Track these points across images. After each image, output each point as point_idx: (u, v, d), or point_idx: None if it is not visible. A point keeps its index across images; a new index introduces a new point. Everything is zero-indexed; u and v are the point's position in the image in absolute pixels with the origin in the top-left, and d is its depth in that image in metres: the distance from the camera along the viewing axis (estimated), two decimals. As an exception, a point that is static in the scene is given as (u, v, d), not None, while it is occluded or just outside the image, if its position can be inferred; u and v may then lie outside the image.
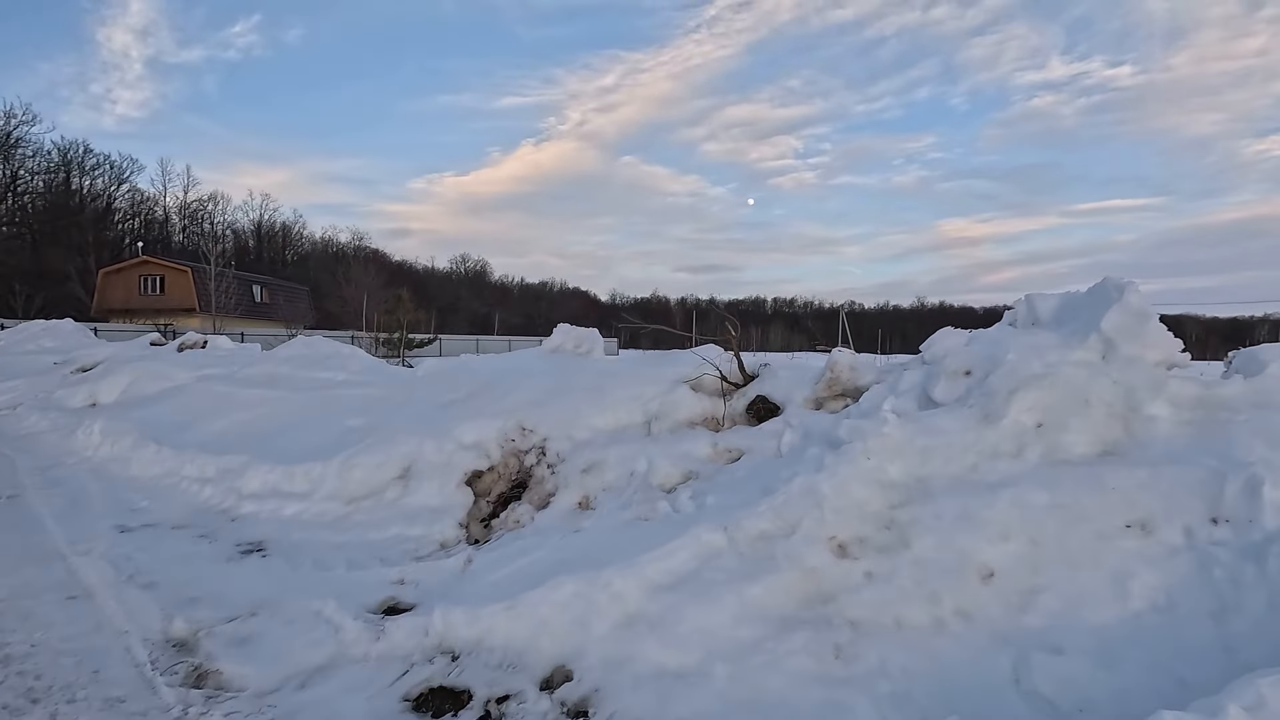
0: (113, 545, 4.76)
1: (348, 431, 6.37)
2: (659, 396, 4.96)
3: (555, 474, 4.67)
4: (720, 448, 4.35)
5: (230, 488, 5.69)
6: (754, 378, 5.10)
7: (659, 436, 4.66)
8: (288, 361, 8.28)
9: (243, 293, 43.36)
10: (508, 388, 5.60)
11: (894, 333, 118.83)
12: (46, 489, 6.41)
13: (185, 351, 12.42)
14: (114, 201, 60.60)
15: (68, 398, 10.64)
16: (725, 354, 5.60)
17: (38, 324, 19.06)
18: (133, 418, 7.67)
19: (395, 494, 5.03)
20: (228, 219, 70.17)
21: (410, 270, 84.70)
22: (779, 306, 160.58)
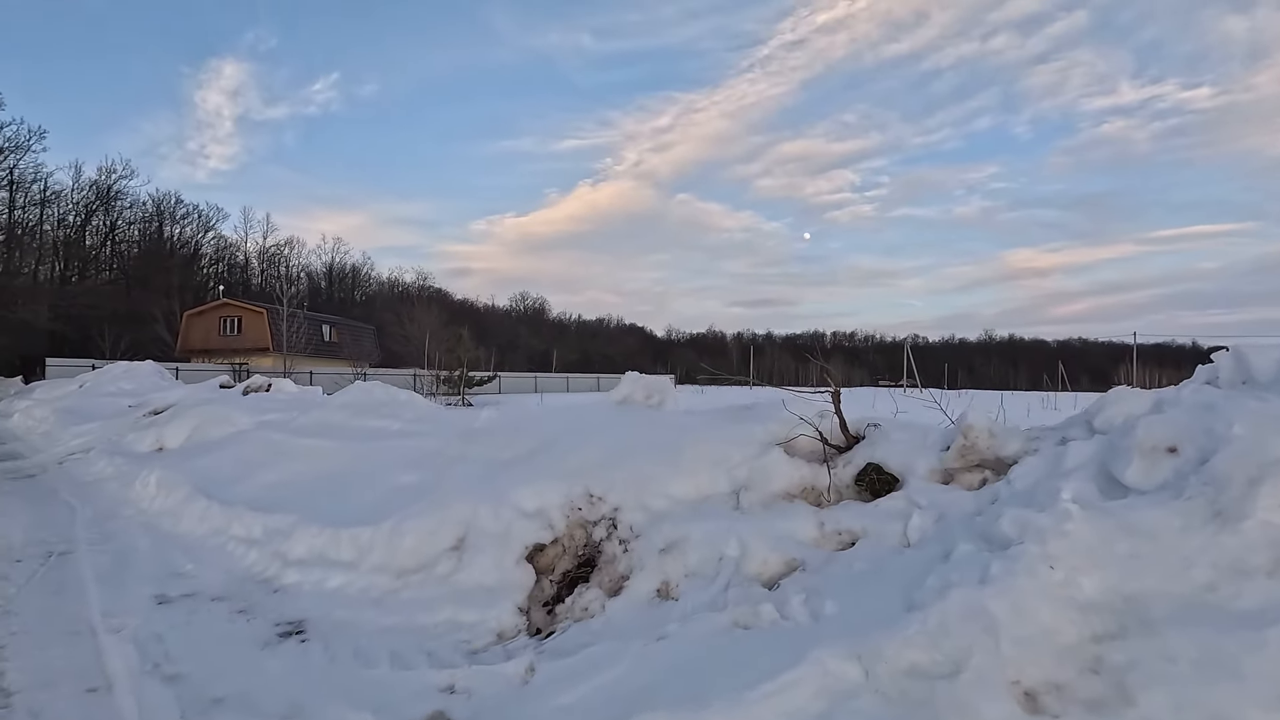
0: (147, 621, 4.35)
1: (400, 489, 5.91)
2: (747, 461, 4.28)
3: (629, 552, 4.02)
4: (828, 529, 3.62)
5: (275, 552, 5.27)
6: (860, 439, 4.36)
7: (750, 511, 3.96)
8: (343, 409, 7.97)
9: (313, 332, 44.84)
10: (572, 445, 5.02)
11: (960, 366, 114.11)
12: (98, 544, 6.16)
13: (250, 395, 12.45)
14: (200, 248, 64.43)
15: (136, 442, 10.69)
16: (811, 401, 4.90)
17: (120, 366, 19.84)
18: (188, 468, 7.46)
19: (448, 568, 4.47)
20: (302, 262, 73.61)
21: (471, 308, 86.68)
22: (838, 340, 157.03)
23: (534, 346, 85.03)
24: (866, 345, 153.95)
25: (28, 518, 7.17)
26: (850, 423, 4.47)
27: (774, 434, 4.47)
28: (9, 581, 5.14)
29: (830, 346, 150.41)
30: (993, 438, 3.70)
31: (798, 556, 3.45)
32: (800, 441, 4.42)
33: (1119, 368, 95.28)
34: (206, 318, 44.81)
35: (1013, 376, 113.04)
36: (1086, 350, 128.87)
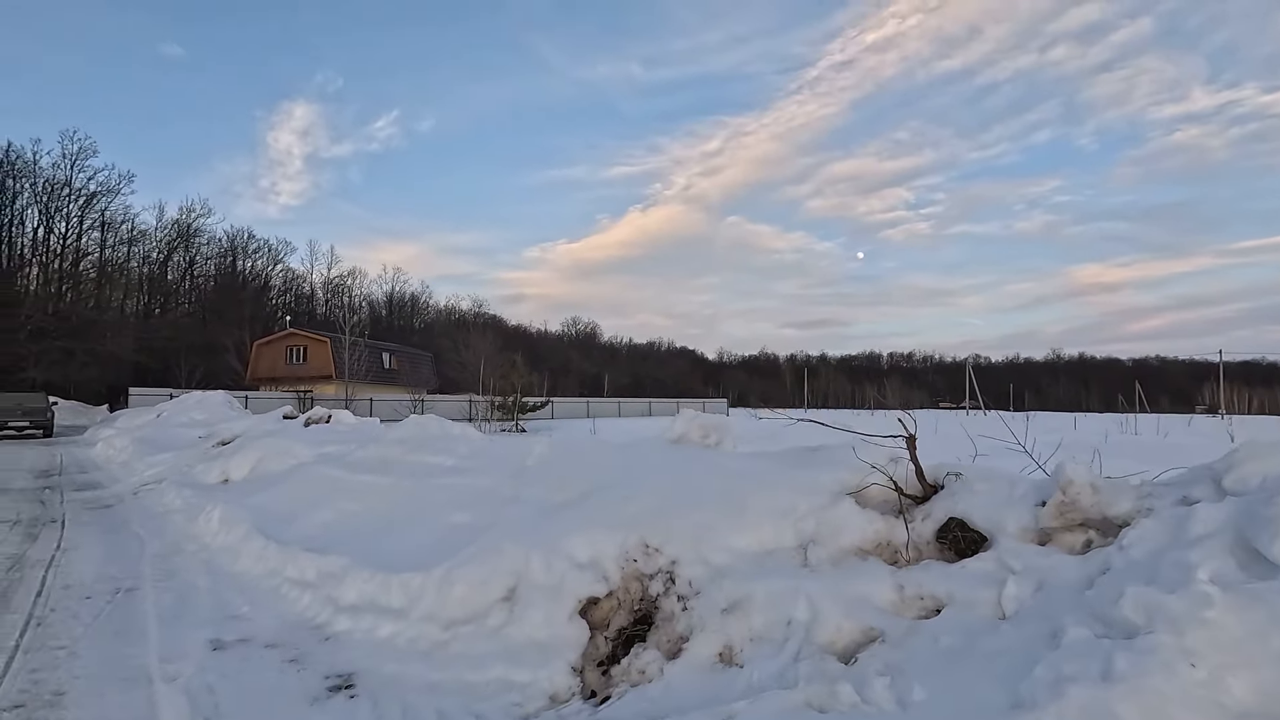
0: (201, 669, 4.31)
1: (452, 530, 5.81)
2: (814, 512, 3.97)
3: (688, 610, 3.76)
4: (908, 594, 3.28)
5: (328, 597, 5.21)
6: (938, 489, 4.01)
7: (819, 568, 3.65)
8: (399, 444, 7.98)
9: (373, 360, 46.20)
10: (627, 489, 4.81)
11: (1026, 387, 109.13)
12: (161, 582, 6.26)
13: (311, 427, 12.74)
14: (270, 280, 67.65)
15: (204, 473, 11.02)
16: (880, 446, 4.56)
17: (194, 396, 20.77)
18: (248, 504, 7.57)
19: (498, 620, 4.29)
20: (364, 292, 76.37)
21: (524, 334, 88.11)
22: (895, 361, 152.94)
23: (585, 371, 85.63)
24: (925, 365, 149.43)
25: (100, 551, 7.38)
26: (927, 469, 4.12)
27: (843, 482, 4.16)
28: (77, 620, 5.23)
29: (887, 367, 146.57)
30: (1097, 494, 3.30)
31: (875, 625, 3.13)
32: (872, 491, 4.09)
33: (1203, 387, 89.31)
34: (274, 347, 46.75)
35: (1084, 397, 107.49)
36: (1165, 369, 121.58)
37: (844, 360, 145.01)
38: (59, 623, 5.15)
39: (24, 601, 5.64)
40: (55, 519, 9.24)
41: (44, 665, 4.35)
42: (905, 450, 4.31)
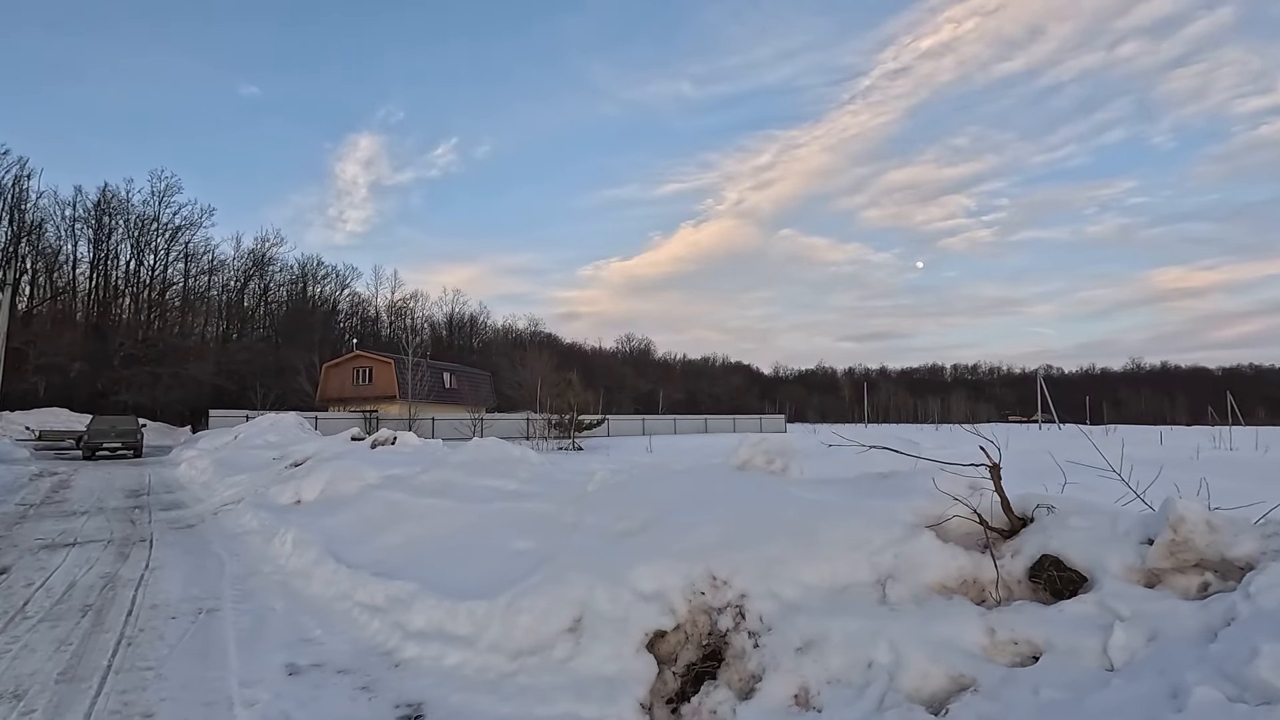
0: (278, 695, 4.40)
1: (515, 556, 5.81)
2: (891, 545, 3.78)
3: (759, 647, 3.61)
4: (1000, 638, 3.06)
5: (396, 622, 5.27)
6: (1027, 522, 3.75)
7: (900, 607, 3.46)
8: (460, 468, 8.09)
9: (435, 380, 47.40)
10: (691, 519, 4.71)
11: (1103, 398, 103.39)
12: (240, 604, 6.47)
13: (378, 449, 13.10)
14: (338, 304, 70.58)
15: (278, 494, 11.43)
16: (958, 474, 4.31)
17: (268, 418, 21.76)
18: (320, 527, 7.79)
19: (565, 652, 4.24)
20: (425, 313, 78.79)
21: (579, 351, 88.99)
22: (959, 374, 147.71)
23: (640, 388, 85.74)
24: (992, 378, 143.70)
25: (184, 571, 7.71)
26: (1013, 500, 3.87)
27: (921, 512, 3.94)
28: (163, 641, 5.45)
29: (951, 380, 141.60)
30: (1214, 532, 3.00)
31: (966, 672, 2.92)
32: (953, 523, 3.86)
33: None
34: (342, 369, 48.57)
35: (1168, 408, 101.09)
36: (1260, 377, 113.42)
37: (905, 373, 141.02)
38: (146, 643, 5.37)
39: (116, 620, 5.91)
40: (144, 538, 9.73)
41: (133, 686, 4.53)
42: (984, 477, 4.07)
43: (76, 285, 53.06)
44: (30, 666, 4.83)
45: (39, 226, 50.55)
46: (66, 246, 52.30)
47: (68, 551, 8.75)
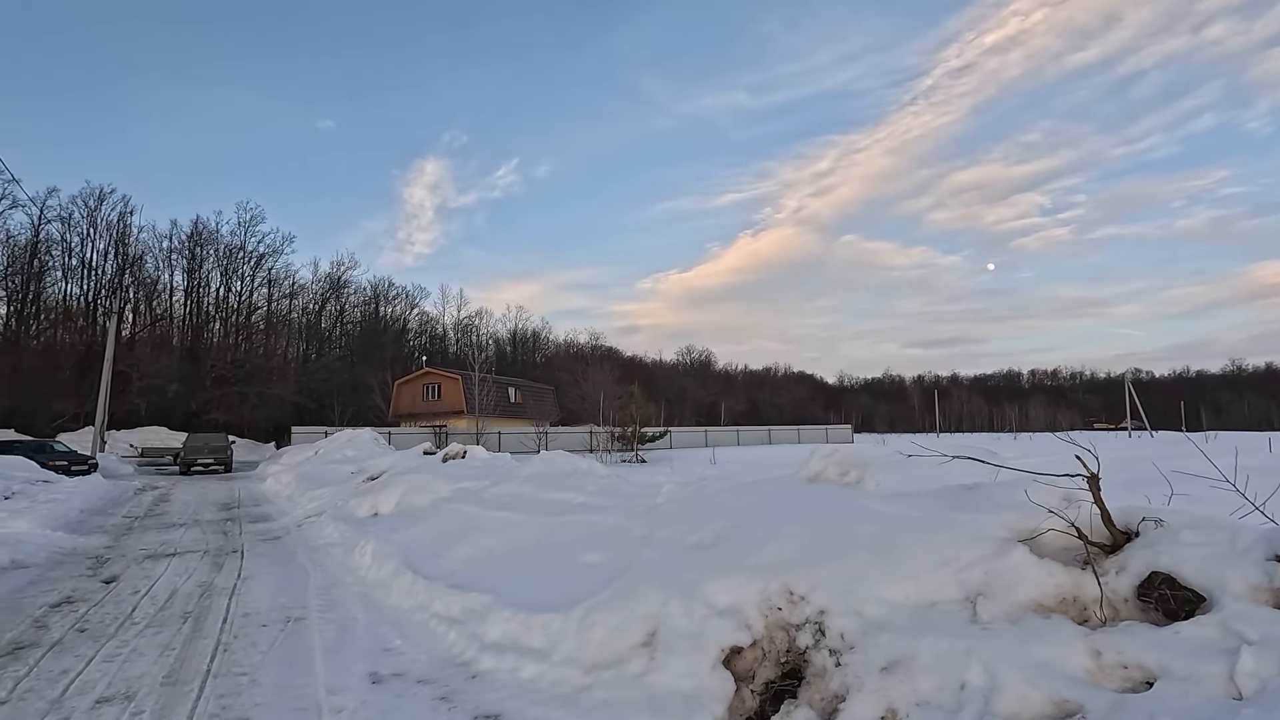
0: (363, 703, 4.53)
1: (586, 569, 5.83)
2: (981, 561, 3.59)
3: (841, 666, 3.49)
4: (1107, 661, 2.85)
5: (472, 634, 5.37)
6: (1131, 536, 3.50)
7: (993, 626, 3.28)
8: (529, 481, 8.20)
9: (500, 395, 48.50)
10: (764, 533, 4.61)
11: (1201, 403, 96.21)
12: (324, 613, 6.72)
13: (449, 462, 13.45)
14: (407, 323, 73.24)
15: (357, 507, 11.87)
16: (1055, 486, 4.06)
17: (345, 434, 22.74)
18: (397, 540, 8.04)
19: (639, 667, 4.21)
20: (490, 330, 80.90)
21: (639, 364, 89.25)
22: (1038, 379, 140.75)
23: (701, 399, 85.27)
24: (1073, 383, 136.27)
25: (273, 581, 8.09)
26: (1115, 513, 3.61)
27: (1012, 526, 3.74)
28: (256, 648, 5.71)
29: (1029, 386, 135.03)
30: (1352, 548, 2.72)
31: (1070, 697, 2.73)
32: (1047, 538, 3.64)
33: None
34: (412, 385, 50.29)
35: (1277, 413, 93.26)
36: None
37: (978, 380, 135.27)
38: (240, 650, 5.63)
39: (213, 627, 6.24)
40: (235, 549, 10.28)
41: (230, 691, 4.75)
42: (1080, 488, 3.82)
43: (173, 312, 56.99)
44: (139, 669, 5.14)
45: (140, 259, 54.73)
46: (164, 276, 56.39)
47: (169, 561, 9.32)
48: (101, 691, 4.72)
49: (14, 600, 7.20)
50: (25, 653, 5.54)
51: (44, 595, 7.42)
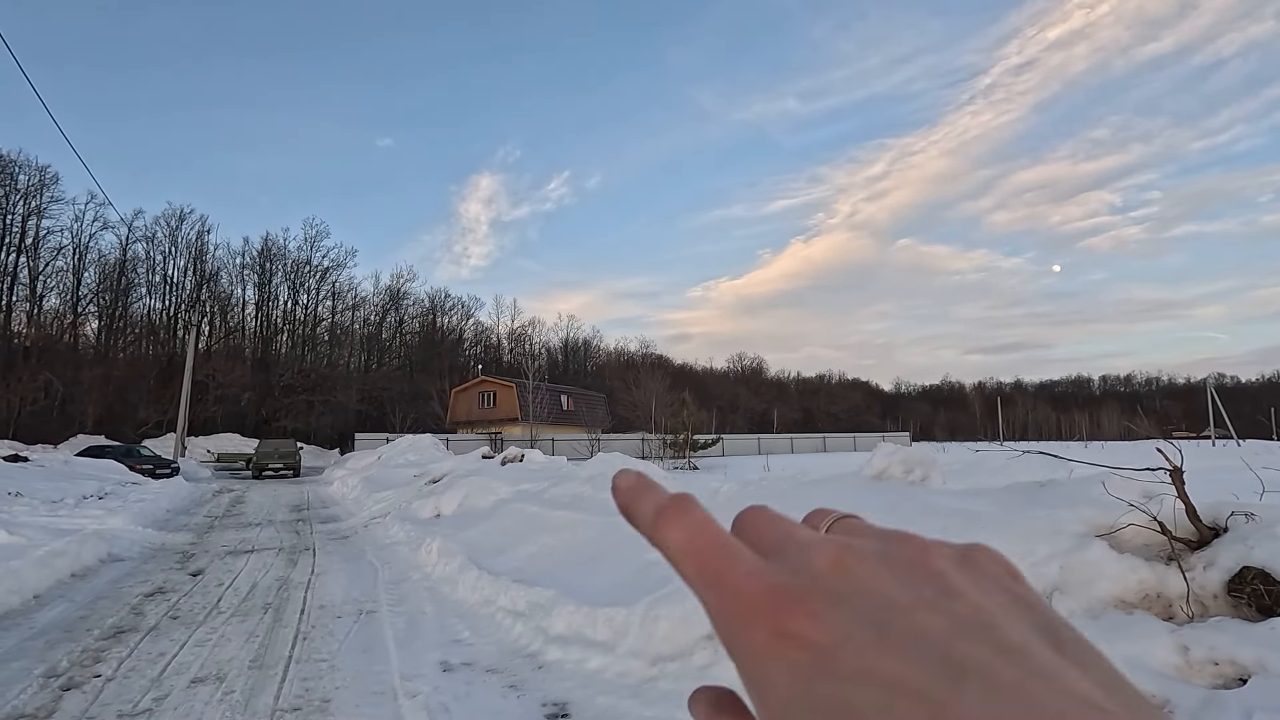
0: (436, 689, 4.71)
1: (648, 566, 5.90)
2: (1057, 557, 3.50)
3: (911, 660, 3.46)
4: (1196, 657, 2.75)
5: (538, 627, 5.50)
6: (1219, 532, 3.36)
7: (1074, 622, 3.19)
8: (589, 481, 8.33)
9: (553, 402, 49.19)
10: (828, 528, 4.60)
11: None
12: (395, 607, 6.98)
13: (508, 465, 13.76)
14: (463, 333, 75.13)
15: (420, 509, 12.25)
16: (1134, 481, 3.92)
17: (406, 439, 23.52)
18: (461, 538, 8.28)
19: (704, 659, 4.25)
20: (542, 339, 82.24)
21: (690, 372, 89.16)
22: (1110, 385, 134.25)
23: (754, 407, 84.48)
24: (1149, 389, 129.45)
25: (345, 577, 8.43)
26: (1200, 508, 3.47)
27: (1089, 522, 3.63)
28: (333, 637, 5.98)
29: (1100, 392, 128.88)
30: None
31: (1157, 693, 2.64)
32: (1127, 533, 3.51)
33: None
34: (469, 393, 51.49)
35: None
36: None
37: (1044, 386, 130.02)
38: (319, 638, 5.91)
39: (292, 618, 6.56)
40: (308, 547, 10.75)
41: (312, 675, 5.00)
42: (1163, 481, 3.68)
43: (245, 324, 59.99)
44: (227, 654, 5.46)
45: (216, 275, 57.90)
46: (237, 291, 59.48)
47: (248, 557, 9.82)
48: (195, 672, 5.03)
49: (113, 589, 7.72)
50: (126, 636, 5.95)
51: (139, 586, 7.93)
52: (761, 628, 0.22)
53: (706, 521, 0.25)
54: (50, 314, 49.44)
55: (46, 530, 9.98)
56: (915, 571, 0.24)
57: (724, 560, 0.24)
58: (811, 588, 0.23)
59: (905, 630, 0.21)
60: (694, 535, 0.25)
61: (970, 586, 0.23)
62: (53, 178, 49.75)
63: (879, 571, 0.23)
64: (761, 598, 0.23)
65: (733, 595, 0.23)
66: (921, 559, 0.24)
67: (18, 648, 5.60)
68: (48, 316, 49.06)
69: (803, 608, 0.22)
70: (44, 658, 5.34)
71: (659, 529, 0.26)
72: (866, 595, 0.22)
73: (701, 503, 0.26)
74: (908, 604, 0.22)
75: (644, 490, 0.27)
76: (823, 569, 0.24)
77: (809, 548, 0.25)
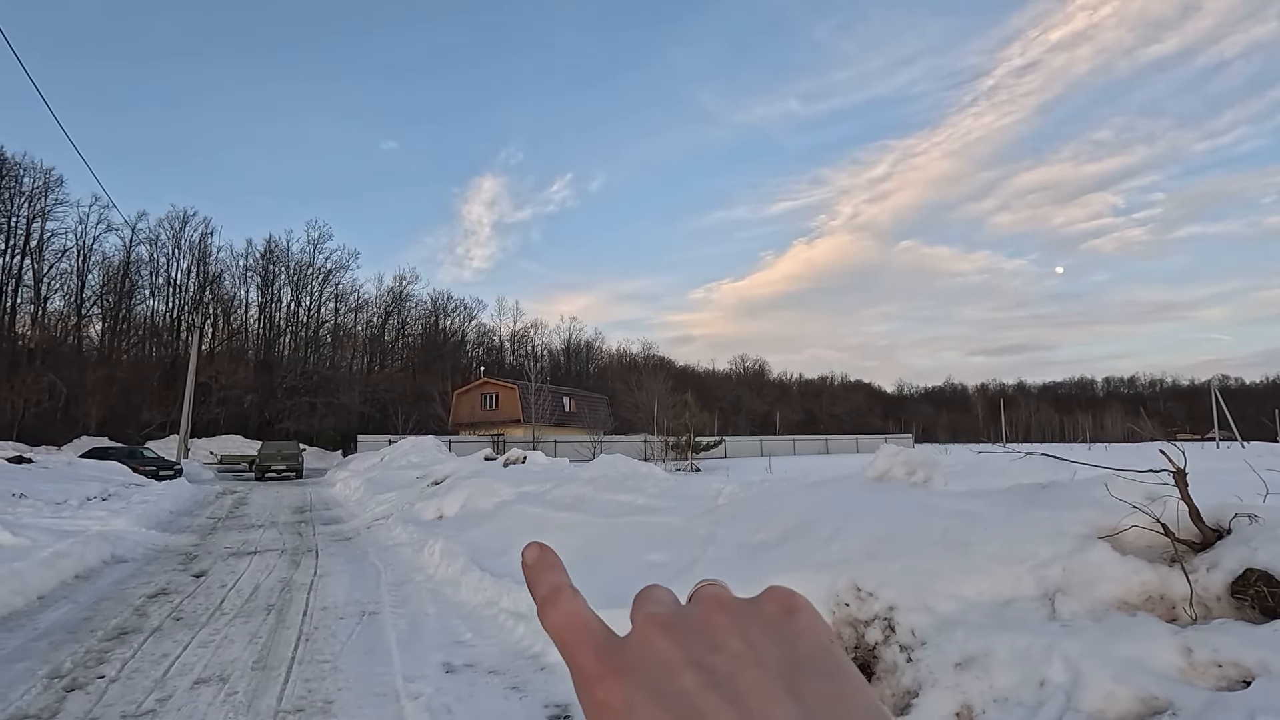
0: (438, 690, 4.72)
1: (650, 568, 5.91)
2: (1060, 558, 3.49)
3: (913, 662, 3.45)
4: (1199, 659, 2.74)
5: (540, 629, 5.50)
6: (1222, 533, 3.35)
7: (1074, 623, 3.18)
8: (591, 483, 8.34)
9: (555, 404, 49.20)
10: (830, 530, 4.59)
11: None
12: (397, 608, 6.99)
13: (510, 467, 13.77)
14: (466, 335, 75.20)
15: (423, 510, 12.27)
16: (1137, 483, 3.91)
17: (409, 441, 23.55)
18: (464, 539, 8.29)
19: (706, 661, 4.25)
20: (544, 341, 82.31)
21: (693, 374, 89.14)
22: (1113, 387, 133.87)
23: (756, 409, 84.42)
24: (1153, 391, 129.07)
25: (347, 579, 8.44)
26: (1204, 510, 3.46)
27: (1091, 523, 3.62)
28: (335, 639, 5.99)
29: (1103, 394, 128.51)
30: None
31: (1160, 694, 2.64)
32: (1130, 534, 3.51)
33: None
34: (471, 395, 51.54)
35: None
36: None
37: (1047, 388, 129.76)
38: (321, 640, 5.92)
39: (295, 619, 6.57)
40: (310, 549, 10.76)
41: (314, 676, 5.01)
42: (1165, 483, 3.67)
43: (248, 326, 60.13)
44: (230, 655, 5.47)
45: (219, 277, 58.05)
46: (240, 292, 59.64)
47: (250, 559, 9.84)
48: (199, 674, 5.04)
49: (117, 590, 7.74)
50: (130, 637, 5.97)
51: (142, 587, 7.95)
52: (589, 698, 0.27)
53: (578, 609, 0.31)
54: (54, 316, 49.63)
55: (50, 531, 10.01)
56: (694, 631, 0.28)
57: (580, 641, 0.29)
58: (621, 659, 0.28)
59: (670, 689, 0.25)
60: (565, 619, 0.31)
61: (737, 636, 0.27)
62: (57, 180, 49.98)
63: (665, 636, 0.28)
64: (590, 671, 0.28)
65: (577, 670, 0.28)
66: (704, 618, 0.29)
67: (22, 648, 5.61)
68: (52, 319, 49.25)
69: (610, 679, 0.27)
70: (48, 658, 5.36)
71: (543, 610, 0.32)
72: (652, 660, 0.27)
73: (580, 594, 0.33)
74: (678, 663, 0.26)
75: (543, 571, 0.34)
76: (630, 641, 0.28)
77: (633, 620, 0.30)
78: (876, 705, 0.25)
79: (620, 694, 0.26)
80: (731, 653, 0.26)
